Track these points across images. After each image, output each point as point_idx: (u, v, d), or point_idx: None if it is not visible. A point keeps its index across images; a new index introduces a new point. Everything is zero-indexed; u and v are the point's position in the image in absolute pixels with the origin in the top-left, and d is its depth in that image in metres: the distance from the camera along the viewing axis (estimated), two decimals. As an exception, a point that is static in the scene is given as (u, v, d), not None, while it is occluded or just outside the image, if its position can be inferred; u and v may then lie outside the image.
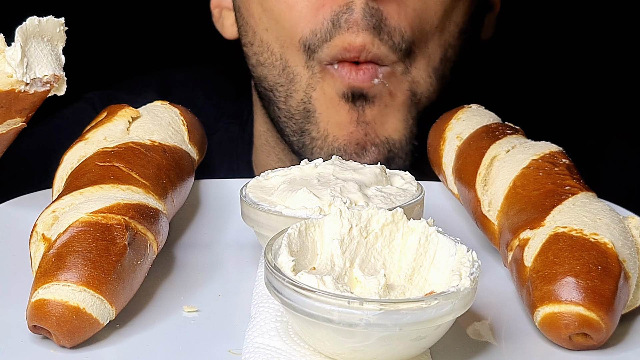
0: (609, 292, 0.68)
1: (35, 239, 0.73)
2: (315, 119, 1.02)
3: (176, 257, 0.81)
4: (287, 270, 0.63)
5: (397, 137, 1.02)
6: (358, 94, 1.00)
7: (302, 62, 1.01)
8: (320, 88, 1.01)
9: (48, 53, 0.76)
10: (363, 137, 1.01)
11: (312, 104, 1.02)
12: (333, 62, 0.99)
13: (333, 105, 1.01)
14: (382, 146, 1.01)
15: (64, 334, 0.66)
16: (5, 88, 0.74)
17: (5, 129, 0.77)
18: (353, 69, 0.99)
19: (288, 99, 1.04)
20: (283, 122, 1.06)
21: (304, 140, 1.04)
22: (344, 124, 1.01)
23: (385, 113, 1.01)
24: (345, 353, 0.63)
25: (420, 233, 0.67)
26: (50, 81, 0.75)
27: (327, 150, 1.02)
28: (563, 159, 0.81)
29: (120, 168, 0.78)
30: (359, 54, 0.98)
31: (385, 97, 1.00)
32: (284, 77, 1.04)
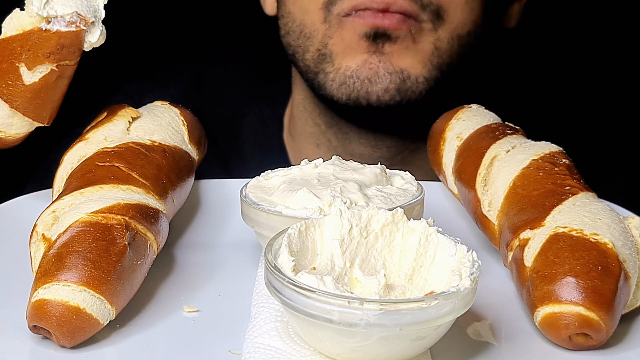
0: (609, 292, 0.68)
1: (35, 239, 0.73)
2: (332, 58, 1.04)
3: (176, 257, 0.81)
4: (287, 270, 0.63)
5: (413, 72, 1.03)
6: (381, 33, 1.01)
7: (320, 20, 1.04)
8: (338, 35, 1.03)
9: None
10: (377, 63, 1.02)
11: (328, 49, 1.04)
12: (353, 12, 1.01)
13: (351, 46, 1.02)
14: (396, 75, 1.02)
15: (64, 334, 0.66)
16: (28, 27, 0.75)
17: (37, 77, 0.76)
18: (378, 13, 1.00)
19: (305, 54, 1.07)
20: (306, 76, 1.09)
21: (319, 79, 1.06)
22: (359, 55, 1.02)
23: (405, 52, 1.02)
24: (345, 353, 0.63)
25: (420, 233, 0.67)
26: (74, 21, 0.75)
27: (339, 80, 1.03)
28: (563, 159, 0.81)
29: (121, 168, 0.78)
30: (388, 5, 0.99)
31: (408, 41, 1.02)
32: (302, 38, 1.07)
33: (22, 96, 0.77)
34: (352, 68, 1.03)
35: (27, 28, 0.75)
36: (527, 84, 1.46)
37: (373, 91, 1.02)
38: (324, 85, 1.05)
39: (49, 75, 0.76)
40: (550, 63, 1.50)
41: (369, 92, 1.02)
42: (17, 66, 0.76)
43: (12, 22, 0.75)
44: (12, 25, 0.75)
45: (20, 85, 0.76)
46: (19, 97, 0.77)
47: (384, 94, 1.02)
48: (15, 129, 0.79)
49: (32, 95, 0.77)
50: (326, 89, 1.05)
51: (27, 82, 0.76)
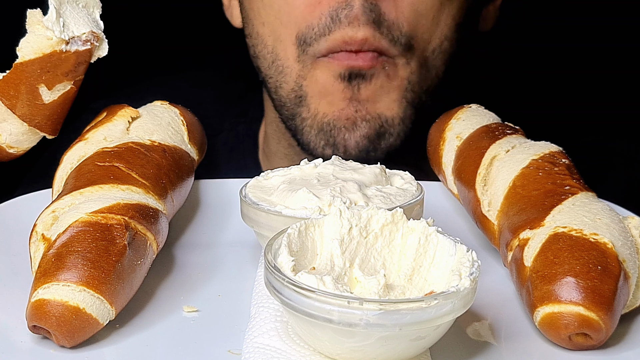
0: (609, 292, 0.68)
1: (35, 239, 0.73)
2: (307, 102, 1.03)
3: (176, 257, 0.81)
4: (287, 270, 0.63)
5: (390, 114, 1.02)
6: (356, 73, 1.00)
7: (294, 56, 1.02)
8: (312, 76, 1.02)
9: (84, 16, 0.78)
10: (353, 113, 1.01)
11: (303, 90, 1.03)
12: (328, 54, 1.00)
13: (326, 88, 1.01)
14: (373, 121, 1.02)
15: (63, 334, 0.66)
16: (47, 50, 0.77)
17: (56, 95, 0.79)
18: (352, 54, 0.99)
19: (278, 89, 1.05)
20: (279, 109, 1.07)
21: (295, 123, 1.05)
22: (336, 102, 1.01)
23: (380, 93, 1.01)
24: (345, 353, 0.63)
25: (420, 233, 0.67)
26: (89, 39, 0.78)
27: (316, 127, 1.02)
28: (563, 159, 0.81)
29: (120, 168, 0.78)
30: (360, 46, 0.98)
31: (382, 78, 1.01)
32: (273, 69, 1.05)
33: (42, 114, 0.80)
34: (329, 116, 1.02)
35: (47, 51, 0.77)
36: (527, 84, 1.46)
37: (351, 138, 1.01)
38: (300, 131, 1.04)
39: (68, 92, 0.79)
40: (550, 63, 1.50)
41: (346, 139, 1.02)
42: (37, 87, 0.78)
43: (30, 46, 0.77)
44: (30, 49, 0.77)
45: (40, 104, 0.79)
46: (38, 116, 0.80)
47: (362, 140, 1.01)
48: (27, 143, 0.82)
49: (51, 112, 0.80)
50: (303, 135, 1.04)
51: (47, 101, 0.79)
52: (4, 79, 0.78)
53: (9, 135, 0.81)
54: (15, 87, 0.78)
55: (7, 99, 0.79)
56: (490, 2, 1.15)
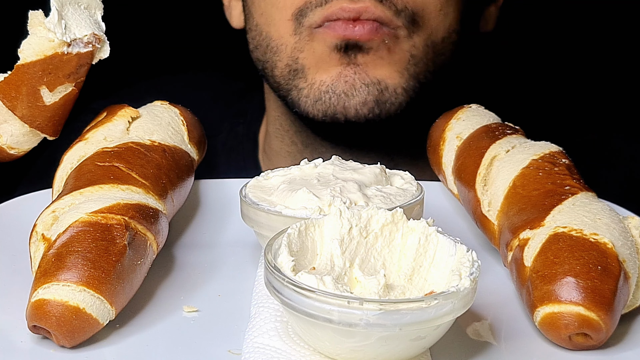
0: (609, 292, 0.68)
1: (35, 239, 0.73)
2: (304, 73, 1.00)
3: (176, 257, 0.81)
4: (287, 270, 0.63)
5: (391, 82, 0.99)
6: (352, 44, 0.97)
7: (289, 32, 1.00)
8: (309, 48, 0.99)
9: (86, 17, 0.79)
10: (352, 76, 0.98)
11: (300, 63, 1.00)
12: (324, 23, 0.97)
13: (322, 59, 0.99)
14: (373, 86, 0.98)
15: (63, 334, 0.66)
16: (49, 52, 0.77)
17: (57, 97, 0.79)
18: (350, 23, 0.96)
19: (274, 69, 1.03)
20: (275, 90, 1.05)
21: (292, 96, 1.02)
22: (332, 68, 0.99)
23: (380, 63, 0.98)
24: (345, 353, 0.63)
25: (420, 233, 0.67)
26: (91, 41, 0.78)
27: (313, 97, 0.99)
28: (563, 159, 0.81)
29: (120, 168, 0.78)
30: (359, 14, 0.96)
31: (383, 51, 0.98)
32: (268, 52, 1.03)
33: (43, 116, 0.80)
34: (327, 82, 0.99)
35: (49, 53, 0.77)
36: (527, 84, 1.46)
37: (350, 105, 0.98)
38: (297, 102, 1.01)
39: (69, 94, 0.80)
40: (550, 63, 1.50)
41: (346, 107, 0.98)
42: (38, 89, 0.78)
43: (32, 47, 0.77)
44: (32, 51, 0.77)
45: (41, 106, 0.79)
46: (39, 117, 0.80)
47: (362, 107, 0.98)
48: (28, 144, 0.82)
49: (52, 113, 0.80)
50: (300, 106, 1.01)
51: (48, 103, 0.79)
52: (5, 80, 0.78)
53: (10, 136, 0.81)
54: (17, 89, 0.78)
55: (8, 100, 0.79)
56: (492, 2, 1.15)
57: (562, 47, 1.50)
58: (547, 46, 1.50)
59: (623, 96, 1.49)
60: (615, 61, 1.50)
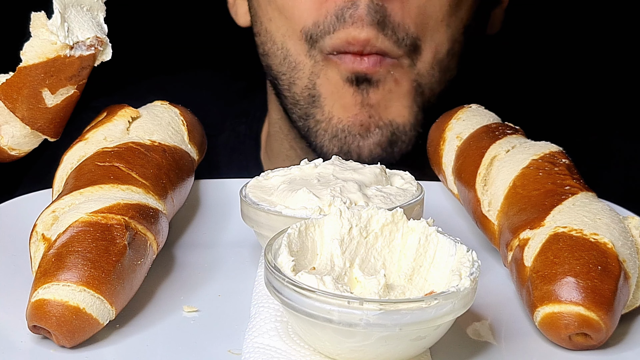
0: (609, 292, 0.68)
1: (35, 239, 0.73)
2: (320, 102, 1.03)
3: (176, 257, 0.81)
4: (287, 270, 0.63)
5: (401, 121, 1.02)
6: (362, 78, 1.00)
7: (304, 51, 1.02)
8: (324, 74, 1.02)
9: (88, 20, 0.79)
10: (367, 119, 1.01)
11: (317, 89, 1.03)
12: (334, 53, 1.00)
13: (337, 89, 1.01)
14: (386, 128, 1.02)
15: (64, 334, 0.66)
16: (52, 55, 0.77)
17: (59, 99, 0.79)
18: (357, 57, 0.99)
19: (292, 86, 1.05)
20: (289, 108, 1.07)
21: (308, 124, 1.04)
22: (349, 107, 1.01)
23: (389, 98, 1.01)
24: (345, 353, 0.63)
25: (420, 233, 0.67)
26: (93, 44, 0.78)
27: (331, 132, 1.02)
28: (563, 159, 0.81)
29: (120, 168, 0.78)
30: (363, 47, 0.98)
31: (390, 83, 1.01)
32: (286, 66, 1.05)
33: (44, 118, 0.80)
34: (344, 122, 1.02)
35: (51, 55, 0.77)
36: (527, 84, 1.46)
37: (365, 145, 1.02)
38: (314, 133, 1.04)
39: (71, 96, 0.80)
40: (550, 63, 1.50)
41: (360, 147, 1.02)
42: (40, 91, 0.78)
43: (34, 50, 0.77)
44: (34, 54, 0.77)
45: (42, 108, 0.79)
46: (40, 119, 0.80)
47: (375, 147, 1.02)
48: (29, 145, 0.83)
49: (53, 115, 0.80)
50: (317, 138, 1.04)
51: (50, 105, 0.79)
52: (7, 82, 0.78)
53: (11, 137, 0.81)
54: (18, 91, 0.78)
55: (10, 102, 0.79)
56: (497, 5, 1.15)
57: (562, 47, 1.50)
58: (547, 46, 1.50)
59: (623, 96, 1.49)
60: (615, 61, 1.50)
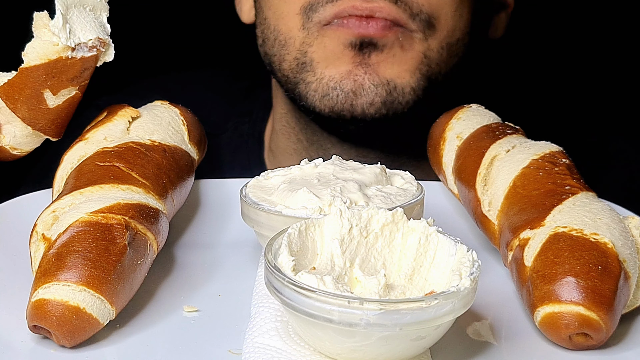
0: (609, 292, 0.68)
1: (35, 238, 0.73)
2: (312, 67, 1.00)
3: (176, 257, 0.81)
4: (287, 270, 0.63)
5: (400, 82, 0.99)
6: (367, 42, 0.97)
7: (297, 26, 1.00)
8: (319, 43, 0.99)
9: (91, 20, 0.78)
10: (362, 75, 0.98)
11: (308, 57, 1.00)
12: (335, 20, 0.97)
13: (334, 54, 0.98)
14: (382, 87, 0.98)
15: (64, 334, 0.66)
16: (53, 57, 0.76)
17: (61, 100, 0.78)
18: (363, 21, 0.96)
19: (281, 63, 1.03)
20: (283, 84, 1.05)
21: (299, 90, 1.01)
22: (343, 65, 0.98)
23: (392, 61, 0.98)
24: (345, 353, 0.63)
25: (420, 233, 0.67)
26: (95, 45, 0.77)
27: (321, 91, 0.99)
28: (563, 159, 0.81)
29: (120, 168, 0.78)
30: (372, 12, 0.95)
31: (396, 48, 0.98)
32: (276, 45, 1.03)
33: (46, 118, 0.80)
34: (336, 79, 0.98)
35: (53, 57, 0.76)
36: (527, 84, 1.46)
37: (358, 104, 0.98)
38: (305, 96, 1.01)
39: (72, 97, 0.79)
40: (550, 63, 1.50)
41: (353, 105, 0.98)
42: (41, 92, 0.78)
43: (36, 51, 0.76)
44: (36, 55, 0.77)
45: (44, 108, 0.79)
46: (42, 120, 0.80)
47: (369, 107, 0.98)
48: (30, 145, 0.83)
49: (54, 116, 0.80)
50: (307, 99, 1.00)
51: (51, 106, 0.79)
52: (9, 82, 0.78)
53: (13, 137, 0.81)
54: (20, 92, 0.78)
55: (11, 102, 0.79)
56: (502, 10, 1.14)
57: (562, 47, 1.50)
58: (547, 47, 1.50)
59: (623, 96, 1.49)
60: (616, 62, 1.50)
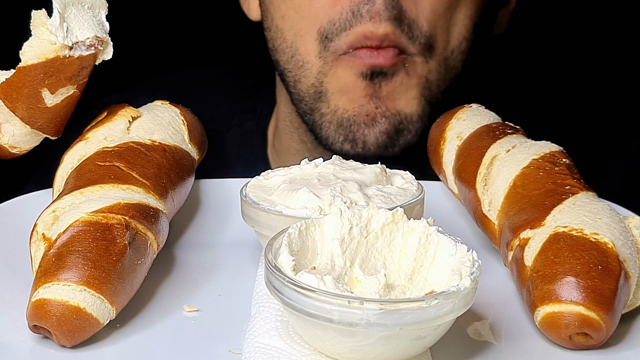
0: (609, 291, 0.68)
1: (35, 238, 0.73)
2: (327, 97, 1.04)
3: (176, 257, 0.81)
4: (288, 269, 0.63)
5: (409, 111, 1.03)
6: (378, 72, 1.01)
7: (315, 52, 1.03)
8: (333, 73, 1.03)
9: (89, 18, 0.78)
10: (373, 110, 1.02)
11: (324, 86, 1.04)
12: (349, 50, 1.01)
13: (347, 85, 1.02)
14: (393, 118, 1.03)
15: (64, 334, 0.66)
16: (51, 55, 0.76)
17: (59, 99, 0.78)
18: (374, 51, 1.00)
19: (297, 83, 1.06)
20: (296, 103, 1.08)
21: (314, 118, 1.06)
22: (356, 99, 1.02)
23: (399, 90, 1.02)
24: (345, 353, 0.63)
25: (420, 233, 0.67)
26: (93, 44, 0.77)
27: (336, 123, 1.04)
28: (563, 159, 0.81)
29: (121, 168, 0.78)
30: (381, 42, 0.99)
31: (402, 75, 1.02)
32: (293, 63, 1.06)
33: (44, 117, 0.79)
34: (349, 112, 1.03)
35: (50, 56, 0.76)
36: (527, 84, 1.46)
37: (371, 133, 1.03)
38: (319, 126, 1.05)
39: (71, 96, 0.79)
40: (550, 63, 1.50)
41: (365, 134, 1.03)
42: (39, 91, 0.78)
43: (33, 50, 0.76)
44: (34, 54, 0.76)
45: (42, 107, 0.79)
46: (40, 119, 0.79)
47: (381, 135, 1.03)
48: (29, 144, 0.82)
49: (53, 115, 0.80)
50: (322, 130, 1.05)
51: (49, 105, 0.78)
52: (7, 81, 0.78)
53: (12, 136, 0.81)
54: (18, 91, 0.78)
55: (10, 101, 0.79)
56: (505, 5, 1.15)
57: (563, 47, 1.50)
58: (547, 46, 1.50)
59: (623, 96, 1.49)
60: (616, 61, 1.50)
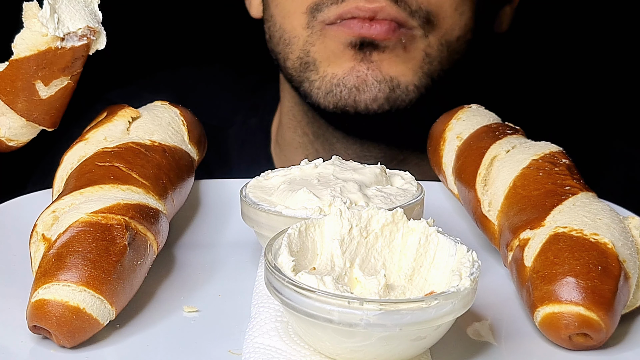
0: (609, 292, 0.68)
1: (35, 239, 0.73)
2: (316, 66, 1.02)
3: (176, 257, 0.81)
4: (287, 270, 0.63)
5: (404, 80, 1.00)
6: (368, 43, 0.98)
7: (302, 24, 1.02)
8: (321, 43, 1.01)
9: (81, 9, 0.77)
10: (365, 71, 0.99)
11: (311, 56, 1.02)
12: (338, 20, 0.99)
13: (335, 54, 1.00)
14: (385, 84, 0.99)
15: (64, 334, 0.66)
16: (42, 47, 0.75)
17: (53, 90, 0.78)
18: (366, 21, 0.97)
19: (286, 61, 1.05)
20: (289, 80, 1.07)
21: (304, 88, 1.04)
22: (345, 63, 1.00)
23: (395, 60, 1.00)
24: (345, 353, 0.63)
25: (420, 233, 0.67)
26: (85, 34, 0.76)
27: (325, 89, 1.01)
28: (563, 159, 0.81)
29: (120, 168, 0.78)
30: (375, 13, 0.97)
31: (399, 49, 0.99)
32: (281, 43, 1.05)
33: (39, 109, 0.79)
34: (339, 76, 1.00)
35: (42, 48, 0.76)
36: (527, 84, 1.46)
37: (361, 100, 1.00)
38: (309, 93, 1.03)
39: (65, 87, 0.78)
40: (550, 63, 1.50)
41: (356, 101, 1.00)
42: (33, 83, 0.77)
43: (25, 42, 0.76)
44: (26, 46, 0.76)
45: (37, 100, 0.78)
46: (35, 111, 0.79)
47: (372, 103, 1.00)
48: (27, 136, 0.82)
49: (48, 107, 0.79)
50: (312, 97, 1.03)
51: (44, 97, 0.78)
52: (0, 74, 0.78)
53: (8, 129, 0.81)
54: (12, 84, 0.77)
55: (4, 94, 0.78)
56: (507, 3, 1.15)
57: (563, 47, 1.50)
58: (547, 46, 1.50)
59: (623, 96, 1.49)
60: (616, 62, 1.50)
